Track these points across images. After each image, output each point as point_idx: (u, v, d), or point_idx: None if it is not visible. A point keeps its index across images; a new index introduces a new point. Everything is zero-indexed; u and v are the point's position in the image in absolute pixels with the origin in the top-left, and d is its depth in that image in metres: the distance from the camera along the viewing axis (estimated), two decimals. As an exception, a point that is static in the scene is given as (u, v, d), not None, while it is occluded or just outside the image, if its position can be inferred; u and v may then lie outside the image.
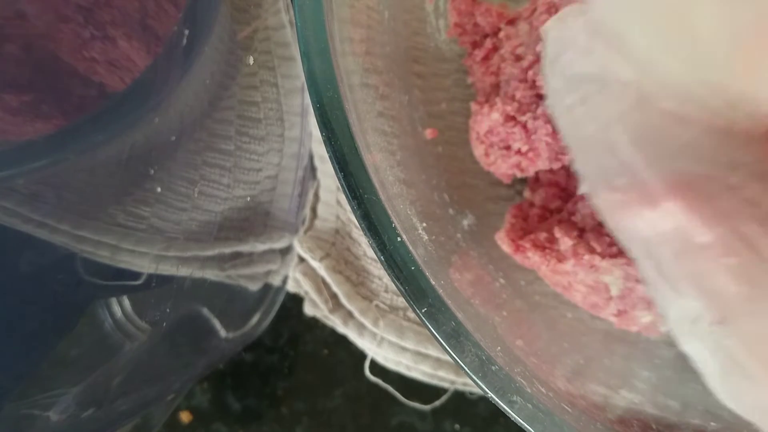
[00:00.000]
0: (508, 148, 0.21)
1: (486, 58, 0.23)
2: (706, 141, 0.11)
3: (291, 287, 0.29)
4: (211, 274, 0.25)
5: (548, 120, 0.20)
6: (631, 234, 0.12)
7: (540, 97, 0.20)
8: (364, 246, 0.28)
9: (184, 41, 0.20)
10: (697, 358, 0.12)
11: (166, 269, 0.23)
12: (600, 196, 0.13)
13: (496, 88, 0.22)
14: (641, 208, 0.12)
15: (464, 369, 0.15)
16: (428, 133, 0.24)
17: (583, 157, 0.13)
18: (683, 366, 0.21)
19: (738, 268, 0.10)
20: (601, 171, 0.12)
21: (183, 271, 0.24)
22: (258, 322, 0.29)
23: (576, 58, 0.13)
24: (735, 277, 0.11)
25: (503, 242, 0.22)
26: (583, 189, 0.14)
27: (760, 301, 0.10)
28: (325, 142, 0.16)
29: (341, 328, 0.28)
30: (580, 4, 0.14)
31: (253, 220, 0.27)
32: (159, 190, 0.22)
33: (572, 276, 0.20)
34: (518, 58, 0.21)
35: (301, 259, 0.28)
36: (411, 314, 0.27)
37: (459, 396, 0.29)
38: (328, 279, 0.28)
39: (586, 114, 0.13)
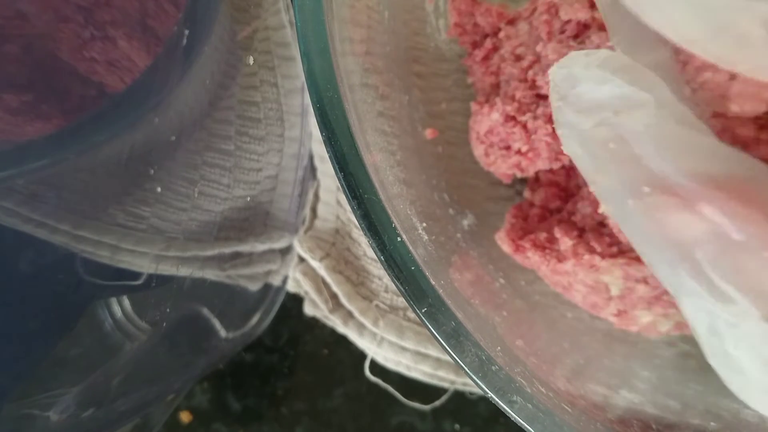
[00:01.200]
0: (508, 148, 0.21)
1: (486, 58, 0.23)
2: (723, 146, 0.12)
3: (291, 287, 0.29)
4: (211, 274, 0.25)
5: (548, 120, 0.20)
6: (662, 241, 0.12)
7: (540, 97, 0.20)
8: (364, 246, 0.28)
9: (184, 41, 0.20)
10: (734, 365, 0.12)
11: (166, 269, 0.23)
12: (625, 208, 0.13)
13: (496, 88, 0.22)
14: (675, 212, 0.12)
15: (464, 369, 0.15)
16: (428, 133, 0.24)
17: (603, 175, 0.14)
18: (683, 366, 0.21)
19: None
20: (624, 185, 0.13)
21: (183, 271, 0.24)
22: (258, 322, 0.29)
23: (590, 88, 0.14)
24: None
25: (503, 242, 0.22)
26: (603, 208, 0.14)
27: None
28: (325, 142, 0.16)
29: (341, 328, 0.28)
30: (585, 51, 0.15)
31: (253, 220, 0.27)
32: (159, 190, 0.22)
33: (572, 276, 0.20)
34: (518, 58, 0.21)
35: (301, 259, 0.28)
36: (411, 314, 0.27)
37: (459, 396, 0.29)
38: (328, 279, 0.28)
39: (605, 135, 0.13)
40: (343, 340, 0.29)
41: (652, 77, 0.13)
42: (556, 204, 0.23)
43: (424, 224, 0.18)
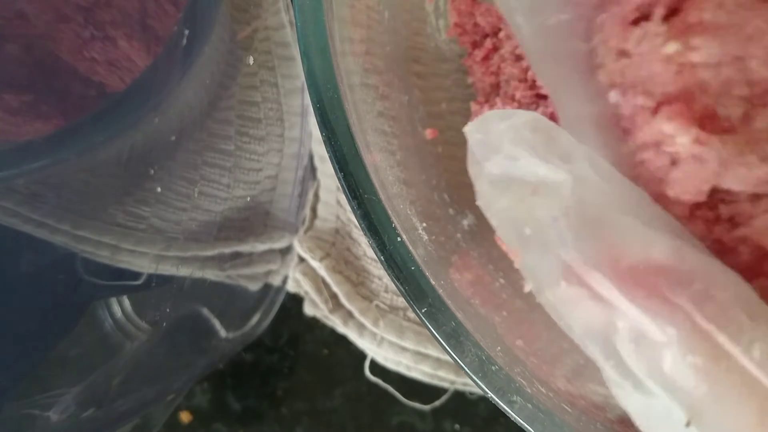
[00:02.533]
0: (508, 148, 0.21)
1: (486, 58, 0.23)
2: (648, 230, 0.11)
3: (291, 287, 0.29)
4: (211, 274, 0.25)
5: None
6: (585, 331, 0.12)
7: (540, 97, 0.20)
8: (364, 246, 0.28)
9: (184, 41, 0.20)
10: None
11: (166, 269, 0.23)
12: (548, 293, 0.12)
13: (496, 88, 0.22)
14: (593, 305, 0.11)
15: (464, 369, 0.15)
16: (428, 133, 0.24)
17: (523, 258, 0.13)
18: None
19: (701, 366, 0.10)
20: (544, 270, 0.12)
21: (183, 271, 0.24)
22: (258, 322, 0.29)
23: (501, 162, 0.13)
24: (698, 375, 0.10)
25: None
26: (527, 288, 0.13)
27: (725, 401, 0.10)
28: (325, 142, 0.16)
29: (341, 328, 0.28)
30: (500, 111, 0.14)
31: (253, 220, 0.27)
32: (159, 190, 0.22)
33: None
34: (518, 58, 0.21)
35: (301, 259, 0.28)
36: (411, 314, 0.27)
37: (459, 396, 0.29)
38: (328, 279, 0.28)
39: (520, 216, 0.12)
40: (343, 340, 0.29)
41: (574, 147, 0.12)
42: (556, 204, 0.23)
43: (424, 224, 0.18)
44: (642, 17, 0.12)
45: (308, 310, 0.29)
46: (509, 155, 0.12)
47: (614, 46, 0.13)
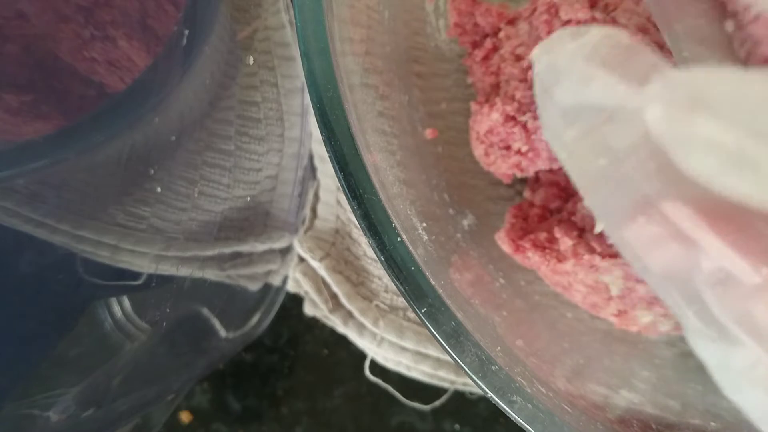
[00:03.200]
0: (508, 148, 0.21)
1: (486, 58, 0.23)
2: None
3: (291, 287, 0.29)
4: (211, 274, 0.25)
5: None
6: (665, 276, 0.11)
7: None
8: (364, 246, 0.28)
9: (184, 41, 0.20)
10: (753, 406, 0.10)
11: (166, 269, 0.23)
12: (624, 234, 0.11)
13: (496, 88, 0.22)
14: (677, 246, 0.10)
15: (464, 369, 0.15)
16: (428, 133, 0.24)
17: (595, 194, 0.11)
18: (683, 366, 0.21)
19: None
20: (620, 206, 0.11)
21: (183, 271, 0.24)
22: (258, 322, 0.29)
23: (572, 87, 0.11)
24: None
25: (503, 242, 0.22)
26: (599, 227, 0.12)
27: None
28: (325, 142, 0.16)
29: (341, 328, 0.28)
30: (572, 28, 0.12)
31: (253, 220, 0.27)
32: (159, 190, 0.22)
33: (572, 276, 0.20)
34: (518, 58, 0.21)
35: (301, 259, 0.28)
36: (411, 314, 0.27)
37: (459, 396, 0.29)
38: (328, 279, 0.28)
39: (592, 147, 0.11)
40: (343, 340, 0.29)
41: (661, 65, 0.10)
42: (556, 204, 0.23)
43: (424, 224, 0.18)
44: None
45: (308, 310, 0.29)
46: (583, 77, 0.11)
47: None
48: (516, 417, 0.15)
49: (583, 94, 0.11)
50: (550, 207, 0.23)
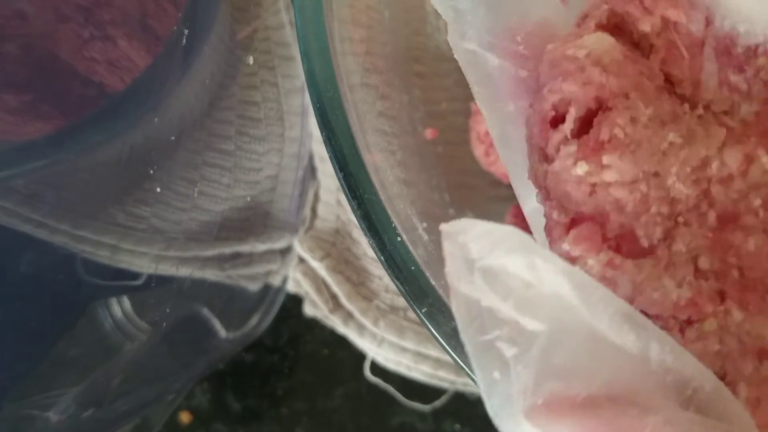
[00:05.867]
0: (508, 148, 0.21)
1: (486, 58, 0.23)
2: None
3: (291, 287, 0.29)
4: (211, 274, 0.25)
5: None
6: None
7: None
8: (365, 246, 0.28)
9: (184, 41, 0.20)
10: None
11: (166, 269, 0.23)
12: None
13: (496, 88, 0.22)
14: None
15: (464, 369, 0.15)
16: (428, 133, 0.24)
17: (492, 399, 0.11)
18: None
19: None
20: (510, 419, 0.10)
21: (183, 271, 0.24)
22: (258, 322, 0.29)
23: (475, 287, 0.11)
24: None
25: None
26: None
27: None
28: (325, 142, 0.16)
29: (341, 328, 0.28)
30: (478, 226, 0.11)
31: (253, 220, 0.27)
32: (159, 190, 0.22)
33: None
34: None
35: (301, 259, 0.28)
36: (411, 314, 0.27)
37: (459, 396, 0.29)
38: (329, 279, 0.28)
39: (494, 356, 0.11)
40: (343, 340, 0.29)
41: (561, 269, 0.10)
42: (557, 204, 0.23)
43: (424, 224, 0.18)
44: (560, 118, 0.11)
45: (308, 310, 0.29)
46: (483, 281, 0.11)
47: (536, 145, 0.12)
48: (516, 417, 0.14)
49: (484, 299, 0.11)
50: (551, 207, 0.23)
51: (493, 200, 0.25)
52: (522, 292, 0.10)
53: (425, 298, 0.15)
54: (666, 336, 0.10)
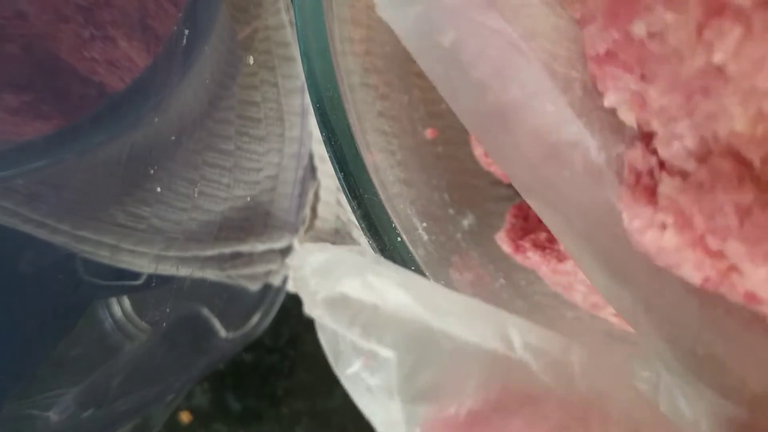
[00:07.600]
0: (508, 148, 0.21)
1: (486, 58, 0.23)
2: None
3: (291, 287, 0.29)
4: (211, 274, 0.25)
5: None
6: None
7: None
8: (365, 246, 0.28)
9: (184, 41, 0.20)
10: None
11: (166, 269, 0.23)
12: None
13: (496, 88, 0.22)
14: None
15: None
16: (428, 133, 0.24)
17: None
18: (683, 366, 0.21)
19: None
20: None
21: (183, 271, 0.24)
22: (258, 322, 0.29)
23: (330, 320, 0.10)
24: None
25: (503, 242, 0.22)
26: None
27: None
28: (325, 142, 0.16)
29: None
30: (319, 252, 0.10)
31: (253, 220, 0.27)
32: (159, 190, 0.22)
33: (572, 276, 0.20)
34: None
35: (301, 259, 0.28)
36: (411, 314, 0.27)
37: (459, 396, 0.29)
38: (328, 279, 0.28)
39: (361, 388, 0.10)
40: (343, 340, 0.29)
41: (396, 281, 0.09)
42: (557, 204, 0.23)
43: (424, 224, 0.18)
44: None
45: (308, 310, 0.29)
46: (327, 313, 0.10)
47: None
48: (516, 417, 0.14)
49: (342, 334, 0.10)
50: (551, 207, 0.23)
51: (493, 200, 0.25)
52: (367, 317, 0.09)
53: (425, 298, 0.15)
54: (519, 318, 0.09)
